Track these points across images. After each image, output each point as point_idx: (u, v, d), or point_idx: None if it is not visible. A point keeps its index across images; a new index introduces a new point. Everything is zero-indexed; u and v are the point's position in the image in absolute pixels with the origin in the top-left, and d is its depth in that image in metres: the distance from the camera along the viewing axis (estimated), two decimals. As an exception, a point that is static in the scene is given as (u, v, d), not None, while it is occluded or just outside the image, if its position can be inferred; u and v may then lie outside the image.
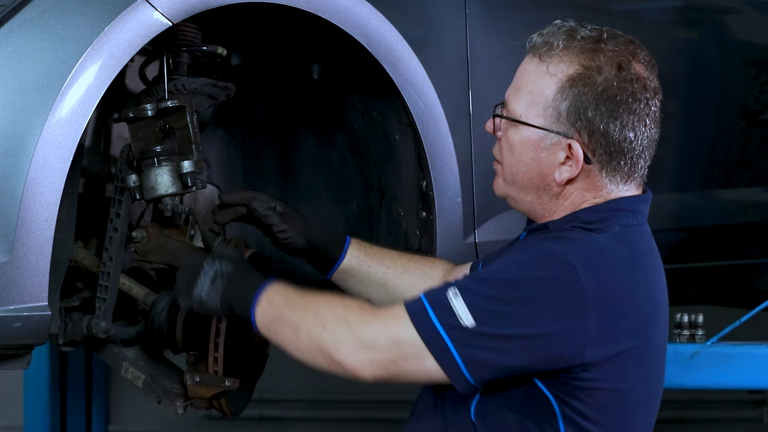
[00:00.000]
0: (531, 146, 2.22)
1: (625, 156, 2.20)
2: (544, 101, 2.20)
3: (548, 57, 2.21)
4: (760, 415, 5.83)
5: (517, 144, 2.24)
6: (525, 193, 2.26)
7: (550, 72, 2.20)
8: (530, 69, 2.24)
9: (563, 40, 2.21)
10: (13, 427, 6.76)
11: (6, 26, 2.27)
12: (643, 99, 2.19)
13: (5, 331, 2.26)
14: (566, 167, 2.21)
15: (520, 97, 2.24)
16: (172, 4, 2.39)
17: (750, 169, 3.60)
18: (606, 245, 2.16)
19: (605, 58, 2.19)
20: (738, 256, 3.62)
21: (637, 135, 2.19)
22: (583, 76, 2.18)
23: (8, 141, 2.24)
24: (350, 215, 3.01)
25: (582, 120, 2.18)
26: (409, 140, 2.81)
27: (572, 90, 2.18)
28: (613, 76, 2.18)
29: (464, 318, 2.07)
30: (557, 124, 2.19)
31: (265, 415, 6.42)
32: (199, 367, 2.56)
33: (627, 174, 2.22)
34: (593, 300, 2.09)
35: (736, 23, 3.62)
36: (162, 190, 2.56)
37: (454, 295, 2.09)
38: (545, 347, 2.08)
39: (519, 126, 2.23)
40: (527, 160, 2.23)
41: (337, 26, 2.62)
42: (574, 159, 2.19)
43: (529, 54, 2.25)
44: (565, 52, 2.20)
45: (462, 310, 2.08)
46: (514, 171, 2.26)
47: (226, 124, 3.09)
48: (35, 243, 2.25)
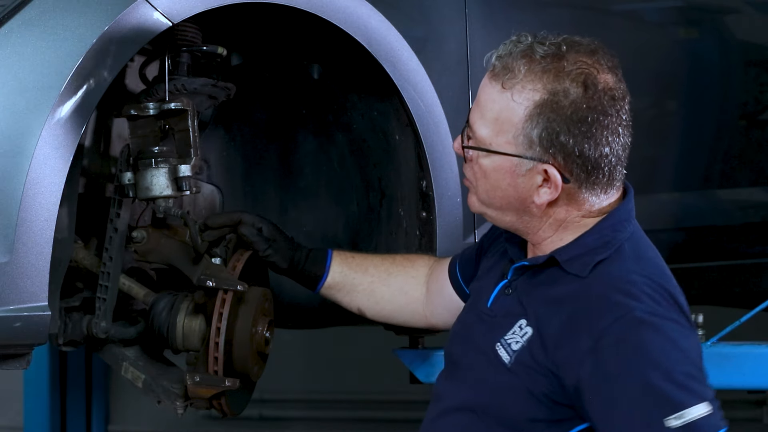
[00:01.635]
0: (506, 173, 2.18)
1: (602, 169, 2.16)
2: (513, 129, 2.15)
3: (511, 84, 2.15)
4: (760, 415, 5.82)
5: (491, 171, 2.19)
6: (504, 214, 2.23)
7: (515, 100, 2.14)
8: (493, 96, 2.18)
9: (523, 64, 2.15)
10: (13, 427, 6.76)
11: (6, 26, 2.27)
12: (614, 112, 2.14)
13: (5, 331, 2.26)
14: (545, 189, 2.17)
15: (487, 124, 2.18)
16: (172, 4, 2.39)
17: (750, 169, 3.60)
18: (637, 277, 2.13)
19: (569, 79, 2.13)
20: (738, 256, 3.62)
21: (612, 148, 2.15)
22: (549, 101, 2.12)
23: (8, 141, 2.23)
24: (350, 215, 3.01)
25: (555, 145, 2.13)
26: (409, 140, 2.81)
27: (541, 117, 2.13)
28: (581, 96, 2.12)
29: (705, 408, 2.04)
30: (530, 151, 2.14)
31: (265, 415, 6.42)
32: (199, 367, 2.56)
33: (606, 185, 2.18)
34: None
35: (736, 23, 3.62)
36: (156, 191, 2.56)
37: (676, 418, 2.02)
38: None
39: (491, 153, 2.19)
40: (504, 186, 2.19)
41: (337, 26, 2.62)
42: (551, 182, 2.15)
43: (490, 77, 2.19)
44: (528, 77, 2.14)
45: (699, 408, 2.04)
46: (491, 195, 2.22)
47: (226, 124, 3.09)
48: (35, 243, 2.25)
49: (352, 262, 2.67)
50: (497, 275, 2.32)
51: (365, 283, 2.65)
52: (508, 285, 2.27)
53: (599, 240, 2.19)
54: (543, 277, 2.22)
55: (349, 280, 2.65)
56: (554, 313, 2.15)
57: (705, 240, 3.56)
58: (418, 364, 3.03)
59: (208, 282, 2.55)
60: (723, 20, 3.60)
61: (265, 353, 2.67)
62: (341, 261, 2.66)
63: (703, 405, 2.02)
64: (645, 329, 2.06)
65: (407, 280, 2.64)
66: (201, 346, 2.59)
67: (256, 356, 2.63)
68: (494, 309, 2.26)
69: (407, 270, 2.66)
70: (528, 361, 2.15)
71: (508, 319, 2.21)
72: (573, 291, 2.15)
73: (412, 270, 2.66)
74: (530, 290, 2.22)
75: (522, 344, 2.16)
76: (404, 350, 3.08)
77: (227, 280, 2.57)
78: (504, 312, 2.23)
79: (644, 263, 2.18)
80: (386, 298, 2.64)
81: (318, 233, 3.08)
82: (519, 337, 2.18)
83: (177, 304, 2.63)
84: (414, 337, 3.09)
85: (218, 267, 2.64)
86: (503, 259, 2.34)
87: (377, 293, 2.65)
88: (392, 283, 2.65)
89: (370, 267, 2.66)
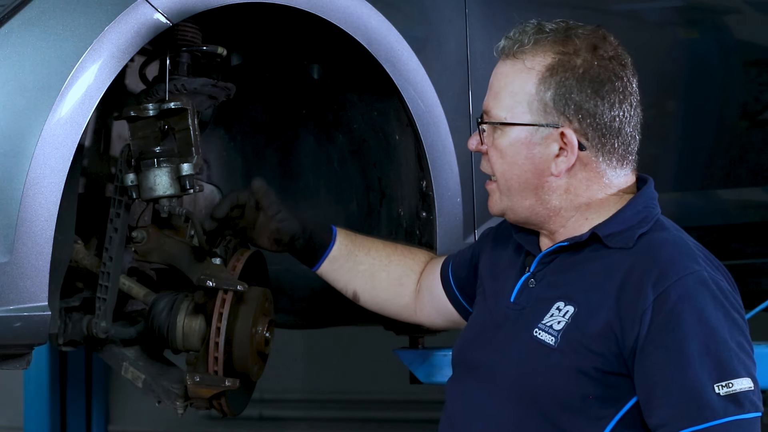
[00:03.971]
0: (522, 145, 2.18)
1: (617, 137, 2.17)
2: (527, 97, 2.17)
3: (521, 54, 2.18)
4: (760, 415, 5.82)
5: (507, 148, 2.20)
6: (523, 198, 2.22)
7: (527, 66, 2.17)
8: (505, 71, 2.21)
9: (533, 35, 2.19)
10: (13, 427, 6.76)
11: (6, 26, 2.27)
12: (624, 76, 2.18)
13: (5, 331, 2.26)
14: (561, 158, 2.17)
15: (501, 101, 2.20)
16: (172, 4, 2.39)
17: (750, 169, 3.60)
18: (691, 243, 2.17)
19: (579, 42, 2.17)
20: (738, 256, 3.62)
21: (624, 114, 2.17)
22: (561, 62, 2.16)
23: (8, 141, 2.23)
24: (350, 215, 3.01)
25: (569, 105, 2.15)
26: (409, 140, 2.81)
27: (553, 78, 2.15)
28: (591, 57, 2.16)
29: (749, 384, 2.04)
30: (545, 116, 2.16)
31: (265, 415, 6.43)
32: (199, 367, 2.56)
33: (621, 156, 2.19)
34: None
35: (736, 23, 3.62)
36: (160, 191, 2.56)
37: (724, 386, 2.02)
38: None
39: (506, 129, 2.19)
40: (521, 160, 2.19)
41: (337, 26, 2.62)
42: (568, 147, 2.16)
43: (500, 59, 2.23)
44: (538, 46, 2.18)
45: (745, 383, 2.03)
46: (508, 177, 2.21)
47: (226, 124, 3.09)
48: (35, 243, 2.25)
49: (356, 239, 2.63)
50: (515, 271, 2.30)
51: (366, 264, 2.62)
52: (532, 277, 2.25)
53: (637, 215, 2.19)
54: (580, 257, 2.20)
55: (352, 257, 2.61)
56: (603, 282, 2.13)
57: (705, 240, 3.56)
58: (418, 364, 3.03)
59: (208, 282, 2.55)
60: (723, 20, 3.60)
61: (265, 353, 2.67)
62: (346, 236, 2.62)
63: (748, 380, 2.03)
64: (707, 291, 2.07)
65: (406, 271, 2.63)
66: (201, 346, 2.59)
67: (256, 356, 2.63)
68: (520, 302, 2.24)
69: (407, 260, 2.64)
70: (577, 336, 2.12)
71: (539, 306, 2.19)
72: (622, 259, 2.15)
73: (411, 261, 2.64)
74: (562, 274, 2.21)
75: (566, 322, 2.14)
76: (404, 350, 3.08)
77: (227, 280, 2.57)
78: (533, 302, 2.21)
79: (687, 235, 2.20)
80: (383, 286, 2.62)
81: (318, 233, 3.08)
82: (560, 317, 2.15)
83: (177, 304, 2.63)
84: (414, 337, 3.09)
85: (218, 267, 2.64)
86: (518, 256, 2.33)
87: (376, 278, 2.62)
88: (392, 271, 2.62)
89: (372, 249, 2.63)
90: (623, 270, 2.12)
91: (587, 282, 2.16)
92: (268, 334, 2.65)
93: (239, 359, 2.59)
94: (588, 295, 2.14)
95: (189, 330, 2.61)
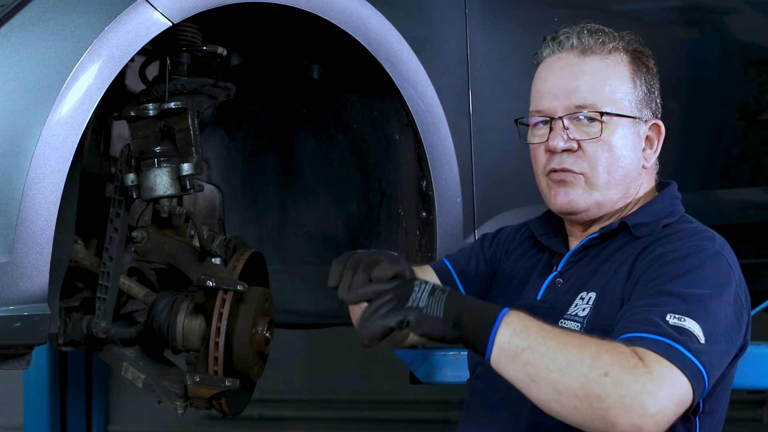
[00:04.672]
0: (629, 138, 2.23)
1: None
2: (625, 90, 2.23)
3: (603, 50, 2.23)
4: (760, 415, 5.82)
5: (616, 140, 2.22)
6: (617, 191, 2.24)
7: (613, 60, 2.23)
8: (594, 65, 2.23)
9: (586, 36, 2.24)
10: (13, 427, 6.76)
11: (6, 26, 2.27)
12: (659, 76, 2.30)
13: (5, 331, 2.26)
14: (648, 151, 2.27)
15: (603, 95, 2.22)
16: (172, 4, 2.39)
17: (750, 169, 3.60)
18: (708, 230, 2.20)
19: (636, 44, 2.27)
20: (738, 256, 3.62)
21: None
22: (639, 60, 2.25)
23: (8, 141, 2.23)
24: (350, 215, 3.01)
25: (654, 101, 2.26)
26: (409, 140, 2.81)
27: (640, 75, 2.25)
28: (649, 54, 2.28)
29: (700, 337, 1.99)
30: (640, 110, 2.24)
31: (265, 415, 6.43)
32: (199, 367, 2.56)
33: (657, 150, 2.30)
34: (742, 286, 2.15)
35: (736, 23, 3.62)
36: (160, 191, 2.56)
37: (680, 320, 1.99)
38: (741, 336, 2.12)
39: (613, 122, 2.21)
40: (627, 152, 2.23)
41: (337, 26, 2.62)
42: (653, 140, 2.26)
43: (575, 55, 2.24)
44: (603, 43, 2.24)
45: (697, 330, 1.99)
46: (613, 170, 2.22)
47: (226, 124, 3.09)
48: (35, 243, 2.25)
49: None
50: (541, 272, 2.31)
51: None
52: (559, 276, 2.27)
53: (665, 209, 2.25)
54: (608, 249, 2.23)
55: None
56: (623, 264, 2.16)
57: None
58: (418, 364, 3.03)
59: (208, 282, 2.55)
60: (723, 20, 3.60)
61: (265, 353, 2.67)
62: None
63: (703, 336, 1.99)
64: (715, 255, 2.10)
65: None
66: (201, 346, 2.59)
67: (256, 356, 2.63)
68: (547, 300, 2.25)
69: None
70: (600, 321, 2.12)
71: (565, 300, 2.21)
72: (643, 242, 2.19)
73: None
74: (590, 267, 2.22)
75: (590, 308, 2.15)
76: (404, 350, 3.08)
77: (227, 280, 2.57)
78: (560, 299, 2.22)
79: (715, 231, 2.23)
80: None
81: (318, 233, 3.09)
82: (585, 304, 2.17)
83: (177, 304, 2.64)
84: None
85: (218, 267, 2.64)
86: (540, 257, 2.34)
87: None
88: None
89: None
90: (640, 249, 2.17)
91: (611, 269, 2.18)
92: (268, 334, 2.65)
93: (239, 359, 2.59)
94: (610, 280, 2.17)
95: (189, 330, 2.61)
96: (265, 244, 3.09)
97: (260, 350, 2.64)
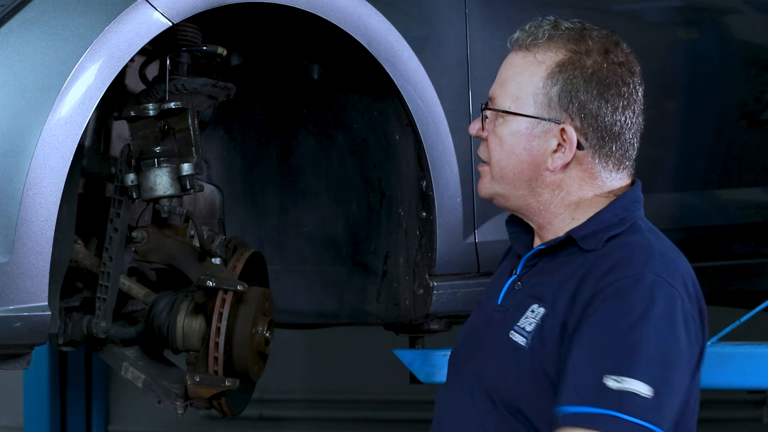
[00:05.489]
0: (522, 136, 2.18)
1: (616, 141, 2.18)
2: (533, 89, 2.17)
3: (534, 47, 2.19)
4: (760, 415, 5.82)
5: (507, 136, 2.20)
6: (516, 188, 2.22)
7: (537, 60, 2.18)
8: (516, 62, 2.22)
9: (548, 30, 2.20)
10: (13, 427, 6.76)
11: (6, 26, 2.27)
12: (631, 83, 2.19)
13: (5, 331, 2.26)
14: (559, 154, 2.18)
15: (507, 90, 2.20)
16: (172, 4, 2.39)
17: (750, 169, 3.60)
18: (656, 247, 2.14)
19: (592, 43, 2.18)
20: (738, 256, 3.62)
21: (626, 120, 2.18)
22: (571, 60, 2.17)
23: (8, 141, 2.23)
24: (350, 215, 3.01)
25: (573, 103, 2.16)
26: (409, 140, 2.81)
27: (562, 74, 2.16)
28: (602, 59, 2.17)
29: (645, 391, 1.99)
30: (549, 111, 2.16)
31: (265, 415, 6.43)
32: (199, 367, 2.56)
33: (618, 161, 2.19)
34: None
35: (736, 23, 3.62)
36: (160, 191, 2.56)
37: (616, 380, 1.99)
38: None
39: (508, 118, 2.19)
40: (518, 150, 2.19)
41: (337, 26, 2.62)
42: (567, 143, 2.16)
43: (513, 50, 2.24)
44: (551, 41, 2.19)
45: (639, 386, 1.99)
46: (504, 165, 2.21)
47: (226, 124, 3.09)
48: (35, 243, 2.25)
49: None
50: (506, 275, 2.31)
51: None
52: (518, 280, 2.25)
53: (615, 217, 2.18)
54: (558, 260, 2.20)
55: None
56: (567, 284, 2.14)
57: (704, 240, 3.56)
58: (418, 364, 3.03)
59: (208, 282, 2.55)
60: (723, 20, 3.60)
61: (265, 353, 2.67)
62: None
63: (647, 387, 1.99)
64: (647, 294, 2.06)
65: None
66: (201, 346, 2.59)
67: (256, 356, 2.64)
68: (505, 304, 2.24)
69: None
70: (543, 337, 2.12)
71: (519, 309, 2.19)
72: (587, 260, 2.15)
73: None
74: (543, 276, 2.21)
75: (536, 323, 2.14)
76: (404, 350, 3.08)
77: (227, 280, 2.57)
78: (516, 305, 2.21)
79: (661, 239, 2.19)
80: None
81: (318, 233, 3.09)
82: (532, 318, 2.15)
83: (177, 304, 2.64)
84: (414, 337, 3.09)
85: (218, 267, 2.64)
86: (510, 259, 2.34)
87: None
88: None
89: None
90: (584, 271, 2.13)
91: (557, 284, 2.16)
92: (268, 334, 2.65)
93: (239, 359, 2.59)
94: (555, 298, 2.15)
95: (189, 330, 2.61)
96: (265, 245, 3.08)
97: (260, 350, 2.64)
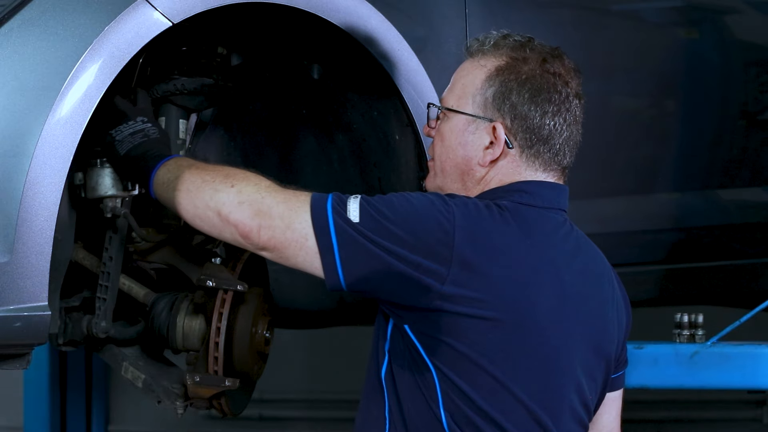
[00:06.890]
0: (459, 132, 2.36)
1: (545, 144, 2.33)
2: (473, 90, 2.36)
3: (480, 53, 2.38)
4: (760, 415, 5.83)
5: (447, 133, 2.38)
6: (452, 181, 2.38)
7: (480, 64, 2.37)
8: (465, 66, 2.41)
9: (495, 39, 2.38)
10: (13, 427, 6.77)
11: (6, 26, 2.27)
12: (564, 93, 2.34)
13: (5, 331, 2.26)
14: (489, 150, 2.34)
15: (454, 91, 2.40)
16: (172, 4, 2.39)
17: (750, 169, 3.60)
18: (483, 205, 2.27)
19: (531, 53, 2.35)
20: (738, 256, 3.62)
21: (556, 125, 2.33)
22: (509, 65, 2.34)
23: (8, 141, 2.23)
24: (350, 215, 3.00)
25: (506, 104, 2.33)
26: (409, 140, 2.81)
27: (498, 78, 2.34)
28: (537, 67, 2.33)
29: (352, 213, 2.21)
30: (483, 110, 2.34)
31: (265, 415, 6.43)
32: (199, 367, 2.56)
33: (546, 163, 2.34)
34: (459, 248, 2.21)
35: (736, 23, 3.62)
36: (101, 191, 2.56)
37: (354, 197, 2.23)
38: (406, 273, 2.20)
39: (450, 116, 2.37)
40: (455, 145, 2.36)
41: (337, 26, 2.62)
42: (497, 141, 2.33)
43: (465, 56, 2.42)
44: (496, 49, 2.37)
45: (353, 206, 2.21)
46: (443, 159, 2.38)
47: (226, 124, 3.09)
48: (35, 243, 2.25)
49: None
50: None
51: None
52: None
53: (490, 194, 2.33)
54: None
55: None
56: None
57: (704, 240, 3.56)
58: (418, 364, 3.02)
59: (208, 282, 2.55)
60: (723, 20, 3.60)
61: (265, 353, 2.67)
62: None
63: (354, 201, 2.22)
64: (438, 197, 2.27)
65: None
66: (201, 346, 2.59)
67: (256, 356, 2.63)
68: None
69: None
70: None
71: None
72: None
73: None
74: None
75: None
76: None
77: (227, 280, 2.57)
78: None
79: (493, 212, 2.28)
80: None
81: (318, 233, 3.07)
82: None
83: (177, 304, 2.64)
84: (414, 337, 3.08)
85: (218, 267, 2.64)
86: None
87: None
88: None
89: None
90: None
91: None
92: (268, 334, 2.65)
93: (239, 359, 2.59)
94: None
95: (189, 330, 2.61)
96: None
97: (260, 350, 2.64)
